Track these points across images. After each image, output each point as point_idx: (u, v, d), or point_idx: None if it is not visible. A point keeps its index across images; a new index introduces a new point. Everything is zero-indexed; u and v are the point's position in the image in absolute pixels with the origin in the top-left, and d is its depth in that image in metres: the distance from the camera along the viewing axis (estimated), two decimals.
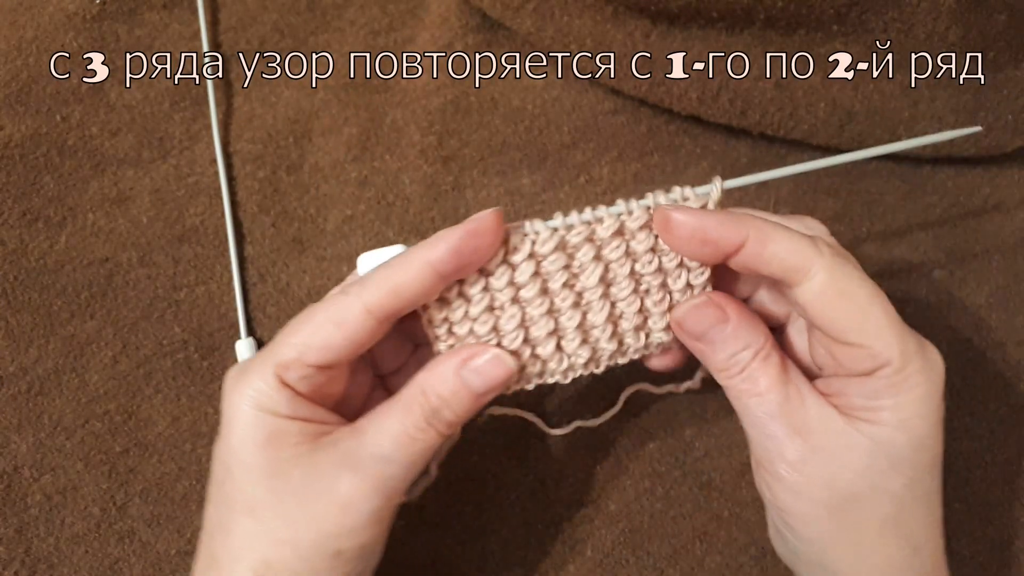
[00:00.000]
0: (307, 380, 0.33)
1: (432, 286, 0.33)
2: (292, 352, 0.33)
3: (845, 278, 0.32)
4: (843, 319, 0.32)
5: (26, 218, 0.47)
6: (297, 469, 0.32)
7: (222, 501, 0.34)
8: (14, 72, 0.48)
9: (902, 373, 0.32)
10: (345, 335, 0.32)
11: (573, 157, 0.50)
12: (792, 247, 0.32)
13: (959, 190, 0.51)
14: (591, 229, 0.35)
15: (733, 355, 0.34)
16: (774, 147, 0.51)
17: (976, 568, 0.46)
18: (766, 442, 0.33)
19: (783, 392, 0.33)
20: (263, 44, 0.51)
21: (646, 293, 0.36)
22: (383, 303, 0.32)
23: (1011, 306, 0.50)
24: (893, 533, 0.33)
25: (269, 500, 0.32)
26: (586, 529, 0.45)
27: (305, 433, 0.33)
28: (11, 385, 0.45)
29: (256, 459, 0.33)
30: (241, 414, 0.33)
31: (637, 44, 0.47)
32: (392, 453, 0.33)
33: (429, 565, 0.44)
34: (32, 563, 0.43)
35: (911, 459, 0.32)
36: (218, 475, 0.34)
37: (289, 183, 0.49)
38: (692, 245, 0.33)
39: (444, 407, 0.33)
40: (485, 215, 0.33)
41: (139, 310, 0.46)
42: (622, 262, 0.35)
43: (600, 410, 0.45)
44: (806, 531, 0.34)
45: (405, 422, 0.33)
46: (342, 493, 0.32)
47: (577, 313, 0.35)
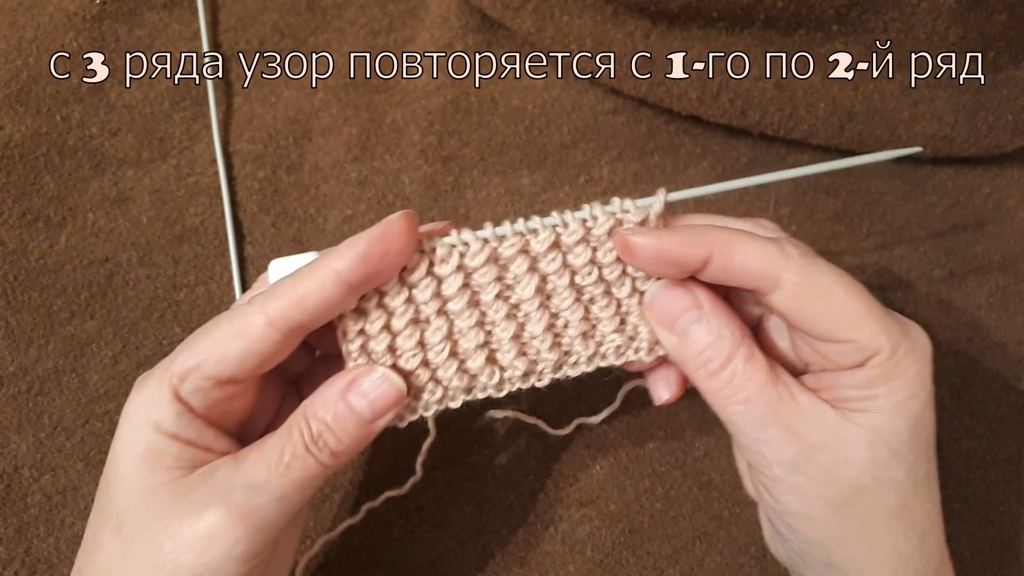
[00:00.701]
0: (203, 394, 0.31)
1: (340, 297, 0.31)
2: (189, 361, 0.31)
3: (817, 277, 0.31)
4: (824, 318, 0.31)
5: (26, 218, 0.47)
6: (168, 493, 0.30)
7: (98, 511, 0.32)
8: (14, 72, 0.48)
9: (893, 359, 0.31)
10: (245, 347, 0.30)
11: (573, 157, 0.50)
12: (758, 255, 0.31)
13: (959, 190, 0.51)
14: (524, 241, 0.34)
15: (707, 347, 0.32)
16: (774, 147, 0.51)
17: (976, 568, 0.46)
18: (760, 447, 0.32)
19: (773, 393, 0.32)
20: (263, 44, 0.51)
21: (590, 301, 0.35)
22: (287, 315, 0.30)
23: (1011, 306, 0.50)
24: (899, 523, 0.32)
25: (137, 521, 0.30)
26: (586, 529, 0.45)
27: (183, 457, 0.31)
28: (11, 385, 0.44)
29: (131, 473, 0.31)
30: (127, 423, 0.31)
31: (637, 44, 0.47)
32: (265, 483, 0.30)
33: (429, 565, 0.44)
34: (32, 563, 0.43)
35: (910, 442, 0.32)
36: (102, 483, 0.32)
37: (289, 183, 0.49)
38: (657, 266, 0.32)
39: (327, 433, 0.31)
40: (393, 218, 0.31)
41: (139, 310, 0.46)
42: (560, 274, 0.34)
43: (599, 408, 0.45)
44: (812, 532, 0.33)
45: (283, 449, 0.31)
46: (207, 524, 0.30)
47: (512, 324, 0.34)
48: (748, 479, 0.38)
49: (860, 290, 0.32)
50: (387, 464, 0.44)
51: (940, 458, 0.47)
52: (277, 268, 0.34)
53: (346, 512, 0.43)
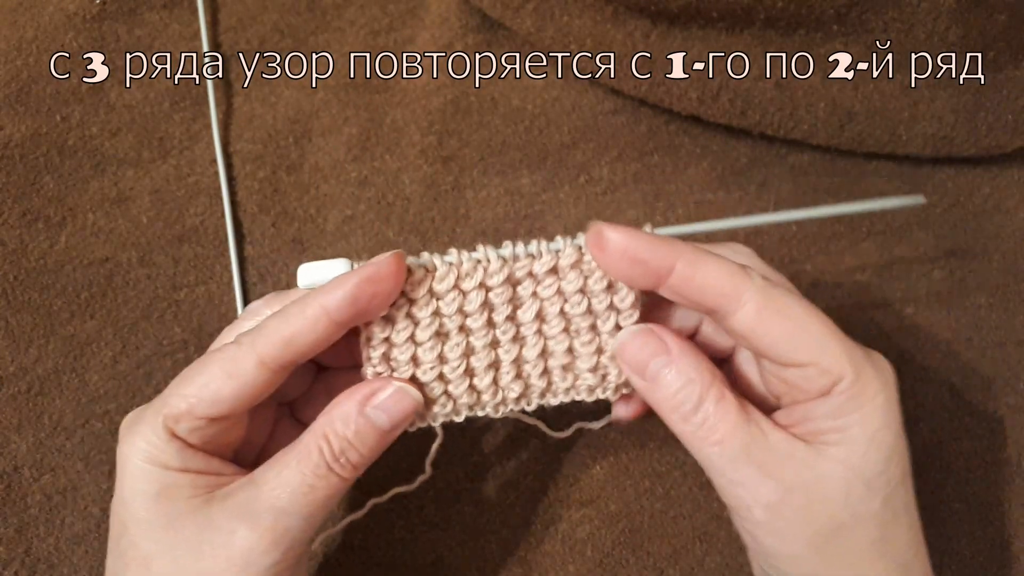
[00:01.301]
0: (199, 432, 0.32)
1: (329, 334, 0.31)
2: (182, 404, 0.31)
3: (777, 299, 0.31)
4: (783, 339, 0.31)
5: (26, 218, 0.47)
6: (191, 523, 0.31)
7: (119, 556, 0.32)
8: (14, 72, 0.48)
9: (858, 384, 0.31)
10: (237, 387, 0.31)
11: (573, 157, 0.50)
12: (722, 273, 0.31)
13: (959, 190, 0.51)
14: (532, 262, 0.34)
15: (678, 391, 0.33)
16: (774, 147, 0.51)
17: (976, 568, 0.46)
18: (736, 489, 0.32)
19: (746, 434, 0.31)
20: (263, 44, 0.51)
21: (576, 334, 0.35)
22: (276, 355, 0.31)
23: (1011, 306, 0.50)
24: (881, 556, 0.32)
25: (164, 556, 0.31)
26: (586, 529, 0.45)
27: (198, 485, 0.32)
28: (11, 385, 0.44)
29: (148, 513, 0.31)
30: (131, 467, 0.32)
31: (637, 44, 0.47)
32: (291, 505, 0.31)
33: (429, 565, 0.44)
34: (32, 563, 0.43)
35: (885, 474, 0.32)
36: (115, 529, 0.33)
37: (289, 183, 0.49)
38: (623, 264, 0.32)
39: (349, 449, 0.32)
40: (383, 260, 0.31)
41: (139, 310, 0.46)
42: (553, 300, 0.35)
43: (600, 412, 0.45)
44: (795, 571, 0.33)
45: (304, 470, 0.31)
46: (239, 548, 0.31)
47: (515, 347, 0.35)
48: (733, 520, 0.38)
49: (820, 315, 0.32)
50: (388, 463, 0.44)
51: (939, 459, 0.47)
52: (306, 272, 0.34)
53: (345, 510, 0.43)
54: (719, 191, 0.50)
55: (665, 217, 0.49)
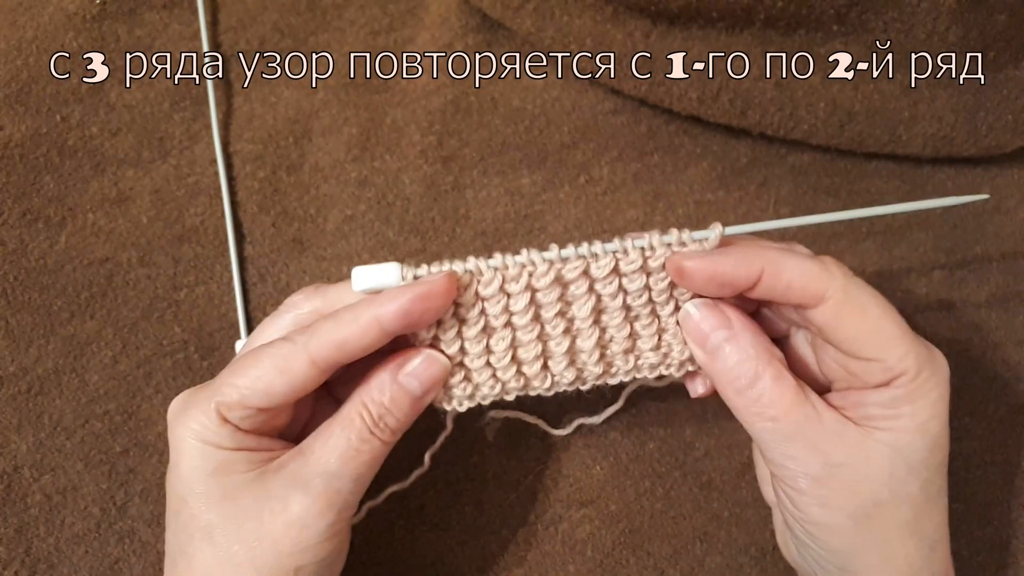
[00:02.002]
0: (249, 419, 0.34)
1: (378, 341, 0.34)
2: (234, 395, 0.33)
3: (858, 297, 0.33)
4: (859, 336, 0.33)
5: (26, 218, 0.47)
6: (248, 493, 0.33)
7: (180, 529, 0.34)
8: (14, 72, 0.48)
9: (917, 380, 0.33)
10: (288, 383, 0.33)
11: (573, 157, 0.50)
12: (806, 274, 0.33)
13: (959, 190, 0.51)
14: (586, 264, 0.36)
15: (738, 363, 0.34)
16: (774, 147, 0.51)
17: (975, 568, 0.46)
18: (786, 461, 0.34)
19: (800, 413, 0.33)
20: (263, 44, 0.51)
21: (635, 319, 0.37)
22: (327, 356, 0.33)
23: (1011, 306, 0.50)
24: (912, 534, 0.34)
25: (225, 525, 0.33)
26: (586, 529, 0.45)
27: (252, 461, 0.34)
28: (11, 385, 0.45)
29: (207, 487, 0.34)
30: (187, 447, 0.34)
31: (637, 44, 0.47)
32: (339, 468, 0.34)
33: (429, 565, 0.44)
34: (32, 563, 0.43)
35: (927, 460, 0.34)
36: (173, 504, 0.35)
37: (289, 183, 0.49)
38: (710, 288, 0.34)
39: (387, 414, 0.34)
40: (438, 280, 0.34)
41: (139, 310, 0.46)
42: (614, 296, 0.36)
43: (601, 409, 0.45)
44: (832, 540, 0.34)
45: (349, 436, 0.34)
46: (296, 513, 0.33)
47: (566, 339, 0.37)
48: (769, 486, 0.40)
49: (894, 313, 0.34)
50: (389, 462, 0.44)
51: None
52: (360, 275, 0.35)
53: None
54: (719, 191, 0.50)
55: (665, 217, 0.49)
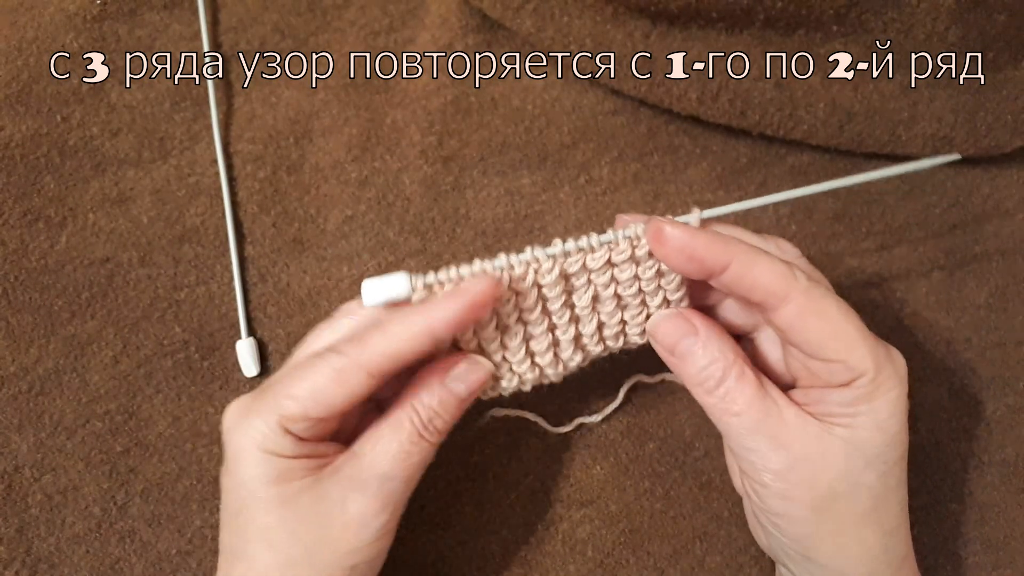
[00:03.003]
0: (309, 428, 0.35)
1: (429, 349, 0.35)
2: (297, 408, 0.34)
3: (820, 300, 0.34)
4: (820, 338, 0.34)
5: (27, 218, 0.47)
6: (306, 498, 0.35)
7: (238, 530, 0.35)
8: (15, 72, 0.48)
9: (876, 380, 0.34)
10: (345, 393, 0.34)
11: (573, 157, 0.50)
12: (773, 273, 0.34)
13: (959, 190, 0.51)
14: (584, 257, 0.37)
15: (704, 368, 0.36)
16: (773, 147, 0.51)
17: (973, 568, 0.46)
18: (750, 455, 0.35)
19: (762, 408, 0.35)
20: (263, 44, 0.51)
21: (625, 308, 0.38)
22: (382, 366, 0.34)
23: (1010, 306, 0.50)
24: (869, 523, 0.35)
25: (284, 528, 0.35)
26: (586, 529, 0.45)
27: (308, 467, 0.35)
28: (12, 385, 0.45)
29: (268, 493, 0.35)
30: (248, 454, 0.35)
31: (637, 44, 0.47)
32: (392, 470, 0.35)
33: (429, 565, 0.44)
34: (33, 563, 0.43)
35: (885, 455, 0.35)
36: (231, 505, 0.36)
37: (289, 183, 0.49)
38: (680, 259, 0.35)
39: (436, 417, 0.36)
40: (486, 287, 0.34)
41: (140, 310, 0.46)
42: (607, 286, 0.38)
43: (600, 409, 0.45)
44: (792, 530, 0.36)
45: (401, 439, 0.35)
46: (353, 514, 0.35)
47: (572, 327, 0.38)
48: (737, 477, 0.41)
49: (854, 317, 0.35)
50: None
51: (937, 459, 0.47)
52: (370, 288, 0.36)
53: None
54: (719, 191, 0.50)
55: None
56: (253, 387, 0.46)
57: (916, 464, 0.39)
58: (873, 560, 0.36)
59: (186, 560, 0.44)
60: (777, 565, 0.42)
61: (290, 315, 0.47)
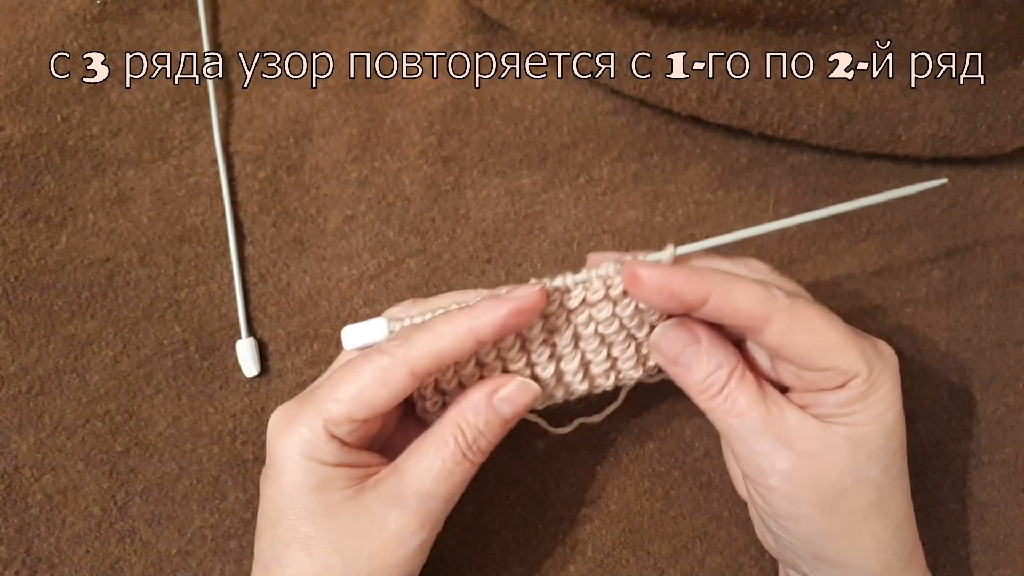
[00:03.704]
0: (354, 433, 0.35)
1: (471, 352, 0.35)
2: (341, 410, 0.35)
3: (801, 314, 0.35)
4: (809, 351, 0.35)
5: (27, 218, 0.47)
6: (347, 510, 0.35)
7: (277, 538, 0.36)
8: (15, 72, 0.48)
9: (869, 379, 0.35)
10: (390, 393, 0.35)
11: (573, 157, 0.50)
12: (752, 298, 0.34)
13: (958, 190, 0.51)
14: (562, 297, 0.37)
15: (708, 375, 0.36)
16: (773, 147, 0.51)
17: (973, 568, 0.46)
18: (755, 457, 0.36)
19: (763, 408, 0.35)
20: (263, 44, 0.51)
21: (611, 345, 0.39)
22: (427, 366, 0.35)
23: (1010, 306, 0.50)
24: (877, 516, 0.36)
25: (323, 538, 0.35)
26: (586, 529, 0.45)
27: (351, 477, 0.36)
28: (12, 385, 0.45)
29: (308, 502, 0.35)
30: (291, 462, 0.35)
31: (637, 44, 0.47)
32: (434, 489, 0.35)
33: (429, 565, 0.44)
34: (33, 563, 0.43)
35: (885, 447, 0.35)
36: (270, 513, 0.36)
37: (289, 183, 0.49)
38: (658, 299, 0.35)
39: (480, 437, 0.36)
40: (533, 294, 0.35)
41: (140, 310, 0.46)
42: (587, 324, 0.38)
43: (601, 408, 0.45)
44: (802, 530, 0.36)
45: (444, 457, 0.35)
46: (392, 530, 0.35)
47: (552, 364, 0.39)
48: (741, 484, 0.41)
49: (838, 322, 0.35)
50: None
51: (937, 459, 0.47)
52: (351, 333, 0.38)
53: None
54: (718, 191, 0.50)
55: (664, 217, 0.49)
56: (253, 387, 0.46)
57: (916, 464, 0.39)
58: (885, 552, 0.36)
59: (186, 560, 0.44)
60: (784, 569, 0.42)
61: (290, 315, 0.47)
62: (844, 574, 0.36)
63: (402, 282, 0.48)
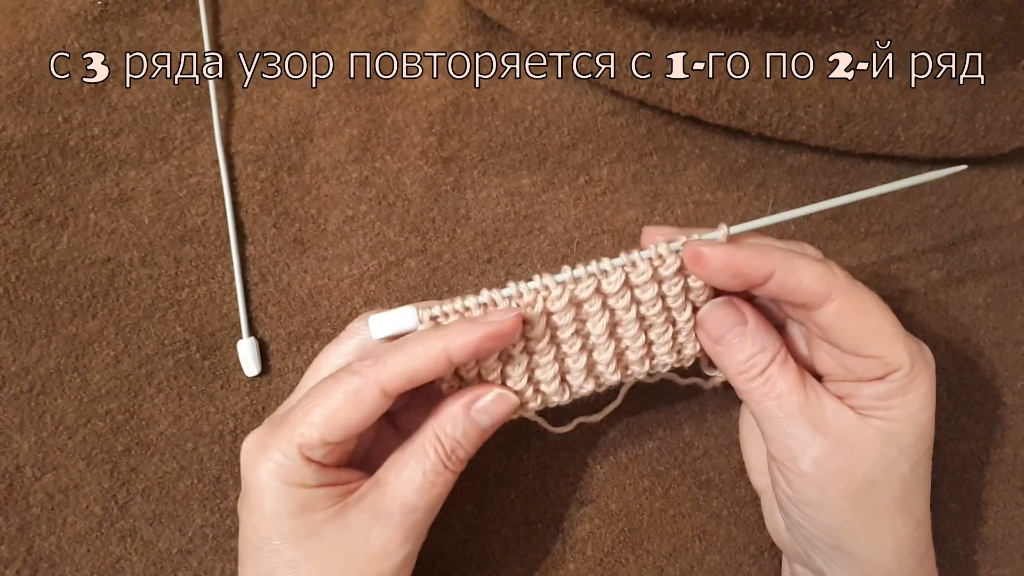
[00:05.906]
0: (330, 454, 0.35)
1: (444, 371, 0.35)
2: (315, 434, 0.34)
3: (860, 297, 0.35)
4: (860, 335, 0.35)
5: (28, 218, 0.47)
6: (331, 529, 0.35)
7: (263, 562, 0.35)
8: (16, 73, 0.48)
9: (910, 375, 0.35)
10: (363, 415, 0.34)
11: (573, 157, 0.50)
12: (814, 275, 0.35)
13: (957, 191, 0.51)
14: (597, 281, 0.37)
15: (751, 357, 0.36)
16: (772, 147, 0.51)
17: (972, 567, 0.46)
18: (787, 441, 0.36)
19: (803, 394, 0.36)
20: (264, 45, 0.51)
21: (650, 328, 0.38)
22: (399, 386, 0.34)
23: (1009, 306, 0.50)
24: (900, 512, 0.36)
25: (309, 560, 0.35)
26: (586, 528, 0.45)
27: (331, 496, 0.35)
28: (13, 384, 0.45)
29: (291, 526, 0.35)
30: (270, 488, 0.35)
31: (637, 45, 0.47)
32: (416, 501, 0.35)
33: (429, 565, 0.44)
34: (34, 562, 0.43)
35: (916, 446, 0.36)
36: (252, 540, 0.36)
37: (290, 184, 0.49)
38: (723, 277, 0.35)
39: (458, 447, 0.36)
40: (509, 320, 0.35)
41: (141, 310, 0.46)
42: (627, 308, 0.37)
43: (601, 407, 0.45)
44: (826, 519, 0.36)
45: (425, 469, 0.35)
46: (377, 545, 0.35)
47: (583, 355, 0.38)
48: (757, 473, 0.42)
49: (890, 314, 0.36)
50: None
51: (936, 458, 0.47)
52: (377, 324, 0.36)
53: None
54: (718, 191, 0.50)
55: (664, 217, 0.50)
56: (254, 386, 0.46)
57: None
58: (903, 549, 0.36)
59: (187, 559, 0.44)
60: (789, 564, 0.42)
61: (291, 315, 0.47)
62: (858, 568, 0.36)
63: (402, 282, 0.48)
